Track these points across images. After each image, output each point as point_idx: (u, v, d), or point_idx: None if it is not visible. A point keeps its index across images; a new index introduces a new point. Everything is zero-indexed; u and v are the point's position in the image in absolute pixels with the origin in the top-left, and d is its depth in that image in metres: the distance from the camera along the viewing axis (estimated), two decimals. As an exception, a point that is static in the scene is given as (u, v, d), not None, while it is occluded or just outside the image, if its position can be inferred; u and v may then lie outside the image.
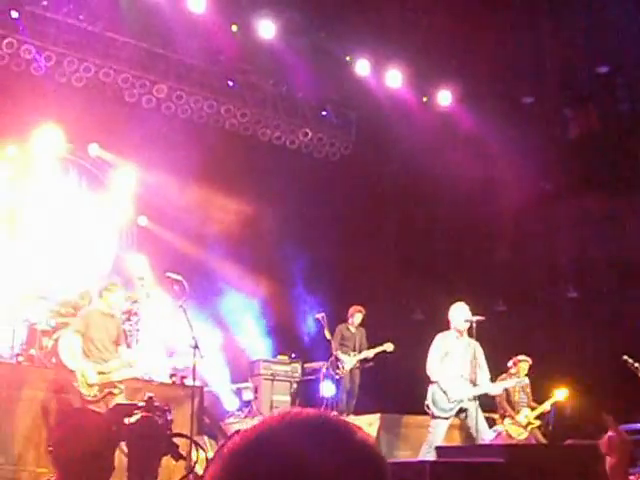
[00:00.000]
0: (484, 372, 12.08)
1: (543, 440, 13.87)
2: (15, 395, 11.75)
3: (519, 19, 17.48)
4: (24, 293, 14.20)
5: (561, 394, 14.15)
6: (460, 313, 12.14)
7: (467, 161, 17.09)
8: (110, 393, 11.51)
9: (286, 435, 1.55)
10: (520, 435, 13.87)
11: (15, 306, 13.86)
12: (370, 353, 15.57)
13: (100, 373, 11.54)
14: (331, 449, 1.53)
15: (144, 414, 8.72)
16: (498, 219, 17.62)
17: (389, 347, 15.63)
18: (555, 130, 18.24)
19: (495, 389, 12.40)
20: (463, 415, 11.90)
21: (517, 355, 14.27)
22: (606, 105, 17.74)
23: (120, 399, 11.46)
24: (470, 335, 12.10)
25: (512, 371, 14.03)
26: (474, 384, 11.94)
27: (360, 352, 15.56)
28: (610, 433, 5.67)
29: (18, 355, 13.26)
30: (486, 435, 12.16)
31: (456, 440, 12.56)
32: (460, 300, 12.27)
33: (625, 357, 13.73)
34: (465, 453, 9.42)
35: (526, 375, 14.11)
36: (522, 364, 14.17)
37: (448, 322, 12.19)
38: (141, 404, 10.10)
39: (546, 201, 17.73)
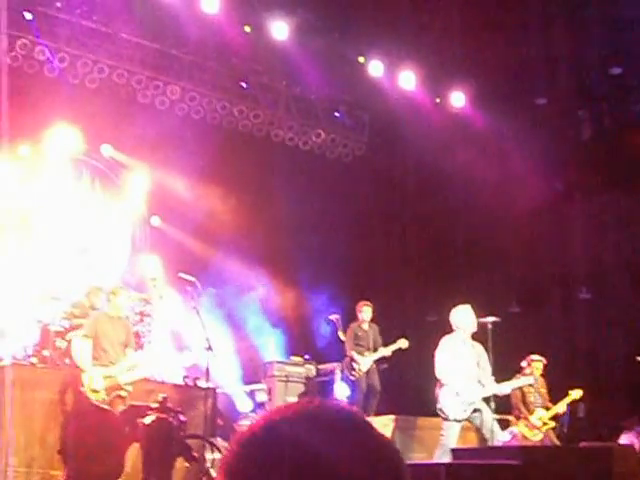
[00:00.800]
0: (488, 373, 12.06)
1: (557, 441, 13.83)
2: (28, 397, 11.73)
3: (532, 20, 17.44)
4: (37, 294, 14.21)
5: (575, 395, 14.11)
6: (467, 315, 12.13)
7: (480, 162, 17.05)
8: (118, 396, 11.52)
9: (305, 425, 1.52)
10: (535, 436, 13.84)
11: (28, 307, 13.87)
12: (385, 352, 15.52)
13: (107, 377, 11.56)
14: (351, 445, 1.51)
15: (159, 415, 8.72)
16: (511, 220, 17.58)
17: (404, 344, 15.58)
18: (568, 131, 18.21)
19: (502, 389, 12.35)
20: (476, 416, 11.87)
21: (530, 355, 14.25)
22: (619, 106, 17.70)
23: (120, 405, 11.50)
24: (477, 337, 12.10)
25: (527, 371, 14.00)
26: (482, 385, 11.93)
27: (375, 350, 15.49)
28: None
29: (31, 356, 13.26)
30: (500, 436, 12.13)
31: (471, 442, 12.51)
32: (473, 301, 12.27)
33: (638, 358, 13.71)
34: (481, 455, 9.40)
35: (541, 375, 14.08)
36: (536, 364, 14.14)
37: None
38: (154, 405, 10.12)
39: (559, 202, 17.70)
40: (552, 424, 14.01)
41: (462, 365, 11.92)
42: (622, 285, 17.22)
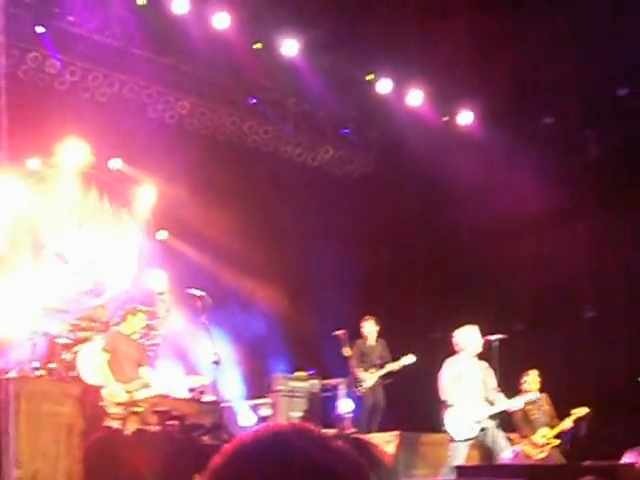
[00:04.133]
0: (495, 391, 12.09)
1: (562, 460, 13.80)
2: (35, 409, 11.76)
3: (539, 39, 17.49)
4: (44, 306, 14.24)
5: (579, 412, 14.09)
6: (473, 336, 12.17)
7: (487, 181, 17.10)
8: (134, 412, 11.64)
9: (261, 446, 1.63)
10: (538, 455, 13.79)
11: (35, 319, 13.90)
12: (391, 368, 15.51)
13: (126, 392, 11.68)
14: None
15: (137, 427, 8.73)
16: (518, 238, 17.61)
17: (409, 359, 15.54)
18: (575, 150, 18.21)
19: (514, 403, 12.40)
20: (482, 434, 11.88)
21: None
22: (626, 126, 17.70)
23: (135, 421, 11.61)
24: (483, 355, 12.13)
25: (524, 387, 14.00)
26: (491, 403, 11.94)
27: (382, 367, 15.49)
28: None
29: (38, 369, 13.28)
30: (505, 454, 12.13)
31: (474, 459, 12.53)
32: (479, 318, 12.31)
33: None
34: (486, 473, 9.42)
35: (543, 391, 14.06)
36: (528, 377, 14.15)
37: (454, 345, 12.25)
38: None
39: (565, 220, 17.71)
40: (556, 442, 13.98)
41: (466, 384, 11.95)
42: (627, 304, 17.21)
